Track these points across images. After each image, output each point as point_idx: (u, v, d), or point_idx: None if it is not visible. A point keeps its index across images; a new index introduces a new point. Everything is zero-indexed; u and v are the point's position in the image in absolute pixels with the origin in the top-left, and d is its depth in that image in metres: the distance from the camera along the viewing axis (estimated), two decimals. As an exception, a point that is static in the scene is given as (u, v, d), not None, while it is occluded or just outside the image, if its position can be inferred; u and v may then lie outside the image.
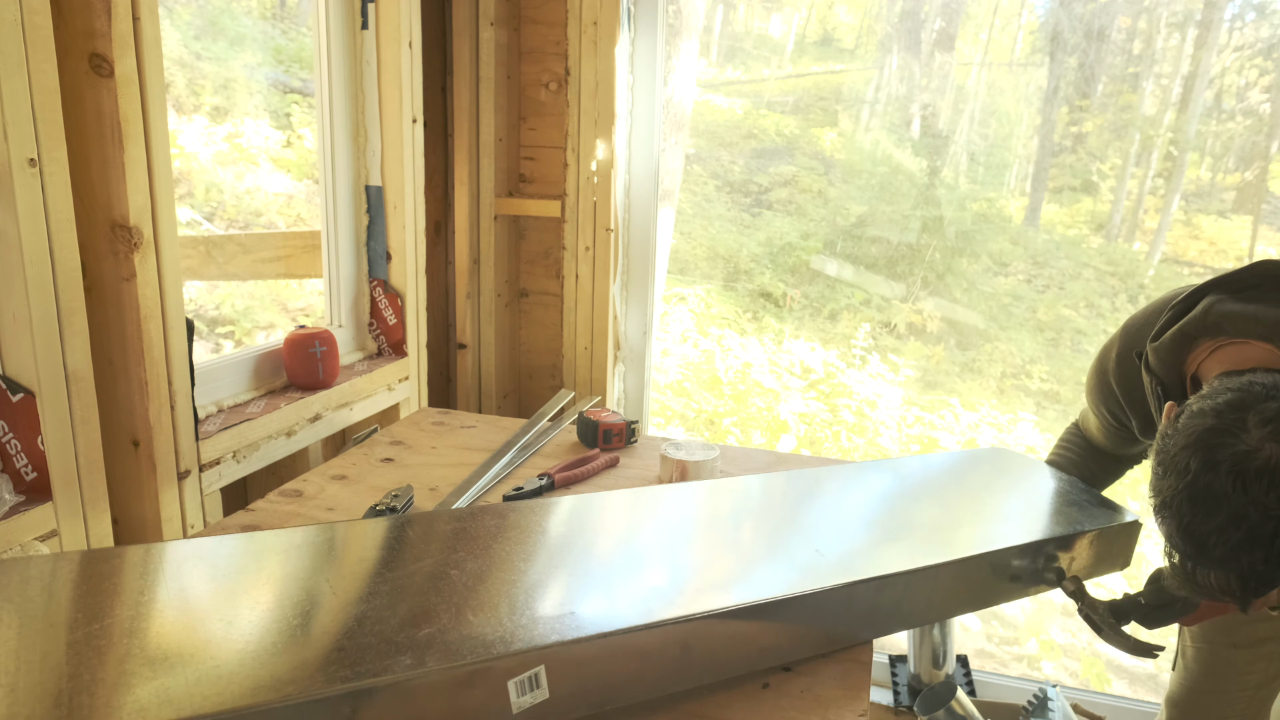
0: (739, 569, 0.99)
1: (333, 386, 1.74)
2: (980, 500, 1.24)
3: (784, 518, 1.15)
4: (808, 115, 5.59)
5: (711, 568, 0.99)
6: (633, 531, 1.09)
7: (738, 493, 1.24)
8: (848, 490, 1.26)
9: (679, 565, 0.99)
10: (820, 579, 0.97)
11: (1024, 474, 1.35)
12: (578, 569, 0.95)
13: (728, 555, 1.03)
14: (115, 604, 0.82)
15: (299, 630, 0.79)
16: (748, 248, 5.15)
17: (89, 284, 1.23)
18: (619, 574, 0.95)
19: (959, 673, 2.13)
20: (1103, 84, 4.67)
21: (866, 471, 1.35)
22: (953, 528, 1.13)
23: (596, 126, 2.16)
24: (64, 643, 0.75)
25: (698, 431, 4.33)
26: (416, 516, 1.06)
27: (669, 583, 0.94)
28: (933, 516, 1.17)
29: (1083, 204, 4.88)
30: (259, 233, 2.84)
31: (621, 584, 0.92)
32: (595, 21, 2.10)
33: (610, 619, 0.84)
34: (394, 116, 1.85)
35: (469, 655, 0.77)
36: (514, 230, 2.34)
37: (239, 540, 0.96)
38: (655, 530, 1.10)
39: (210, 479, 1.43)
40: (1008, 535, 1.12)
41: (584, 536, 1.04)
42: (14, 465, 1.17)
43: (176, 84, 2.71)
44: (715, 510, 1.17)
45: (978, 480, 1.32)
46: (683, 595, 0.91)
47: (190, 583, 0.87)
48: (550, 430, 1.73)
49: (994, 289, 4.73)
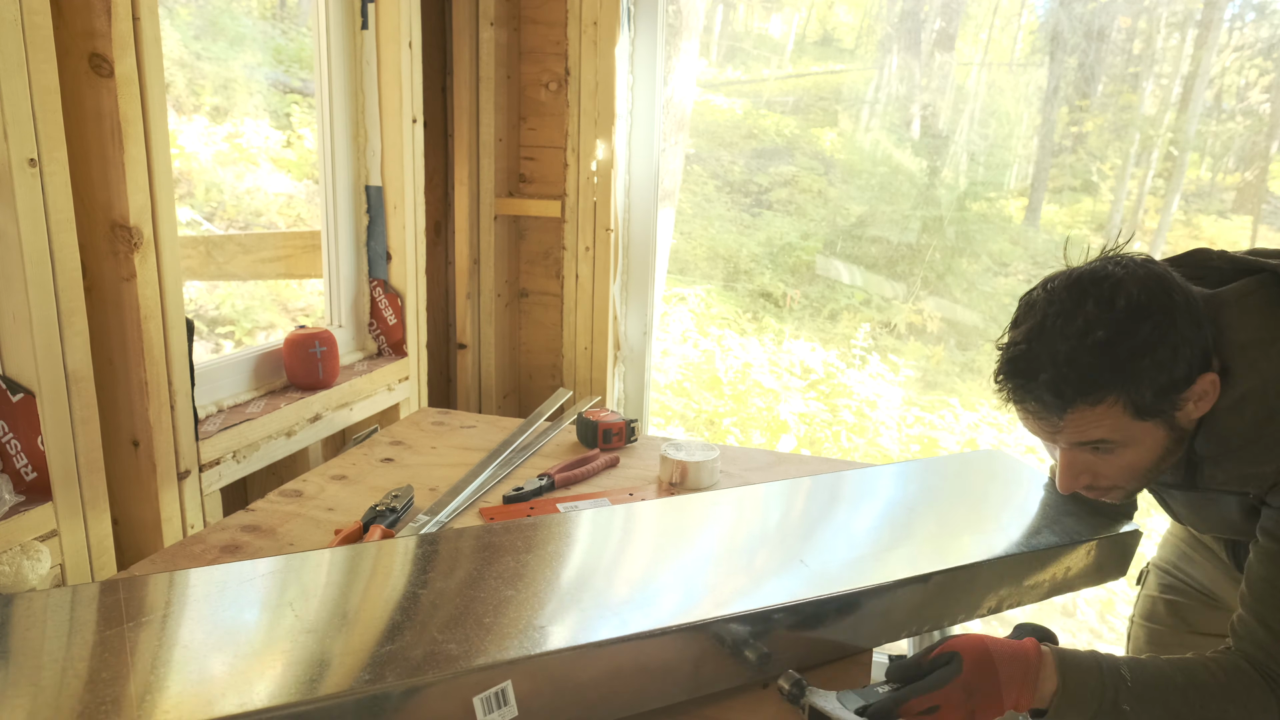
0: (715, 581, 0.99)
1: (333, 386, 1.73)
2: (978, 510, 1.23)
3: (769, 531, 1.15)
4: (808, 115, 5.59)
5: (683, 582, 0.98)
6: (605, 548, 1.09)
7: (718, 505, 1.22)
8: (836, 501, 1.25)
9: (648, 579, 0.98)
10: (797, 591, 0.96)
11: (1018, 480, 1.35)
12: (548, 586, 0.94)
13: (706, 567, 1.02)
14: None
15: (263, 650, 0.80)
16: (748, 248, 5.15)
17: (89, 284, 1.23)
18: (590, 590, 0.94)
19: (959, 673, 2.13)
20: (1103, 84, 4.67)
21: (852, 481, 1.33)
22: (952, 537, 1.13)
23: (596, 126, 2.16)
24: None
25: (698, 431, 4.33)
26: (385, 545, 1.05)
27: (637, 597, 0.93)
28: (930, 528, 1.16)
29: (1083, 204, 4.88)
30: (259, 233, 2.84)
31: (592, 600, 0.92)
32: (595, 21, 2.10)
33: (579, 634, 0.84)
34: (394, 116, 1.85)
35: (432, 672, 0.76)
36: (514, 230, 2.34)
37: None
38: (632, 545, 1.10)
39: (210, 479, 1.43)
40: (1004, 544, 1.12)
41: (556, 552, 1.03)
42: (14, 465, 1.17)
43: (176, 84, 2.71)
44: (687, 522, 1.15)
45: (974, 488, 1.32)
46: (653, 609, 0.90)
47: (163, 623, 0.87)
48: (550, 430, 1.73)
49: (994, 289, 4.73)
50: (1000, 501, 1.26)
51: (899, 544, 1.10)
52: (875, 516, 1.20)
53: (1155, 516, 1.45)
